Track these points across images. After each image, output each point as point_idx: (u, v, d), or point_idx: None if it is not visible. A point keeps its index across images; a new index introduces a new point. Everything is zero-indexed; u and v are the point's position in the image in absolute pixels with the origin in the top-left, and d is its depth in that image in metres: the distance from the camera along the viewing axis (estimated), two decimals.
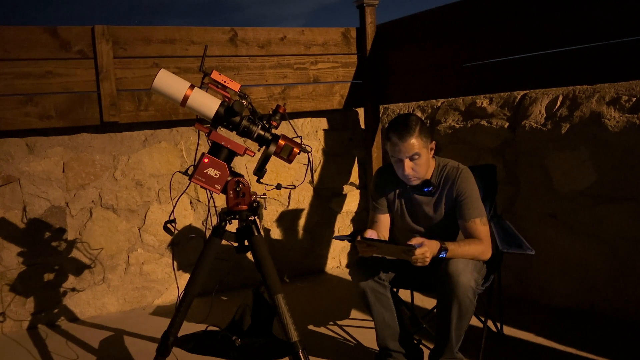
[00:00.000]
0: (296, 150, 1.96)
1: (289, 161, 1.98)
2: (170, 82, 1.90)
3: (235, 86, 1.92)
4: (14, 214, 3.18)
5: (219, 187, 1.93)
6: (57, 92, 3.18)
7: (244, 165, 3.65)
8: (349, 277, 2.41)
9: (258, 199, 2.04)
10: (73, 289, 3.33)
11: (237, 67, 3.62)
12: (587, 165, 2.85)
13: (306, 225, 4.03)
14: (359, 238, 2.11)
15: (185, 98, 1.89)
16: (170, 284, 3.58)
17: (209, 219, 3.55)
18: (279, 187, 2.07)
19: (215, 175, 1.91)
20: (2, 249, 3.15)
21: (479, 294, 2.23)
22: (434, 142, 2.32)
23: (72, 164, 3.32)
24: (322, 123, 4.06)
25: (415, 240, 2.04)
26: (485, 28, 3.23)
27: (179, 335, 2.07)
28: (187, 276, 2.13)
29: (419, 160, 2.24)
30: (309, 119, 4.01)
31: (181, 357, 2.26)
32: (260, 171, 1.97)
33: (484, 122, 3.37)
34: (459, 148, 3.55)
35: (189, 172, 1.97)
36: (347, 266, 4.18)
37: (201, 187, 1.93)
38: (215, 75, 1.91)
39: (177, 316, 2.05)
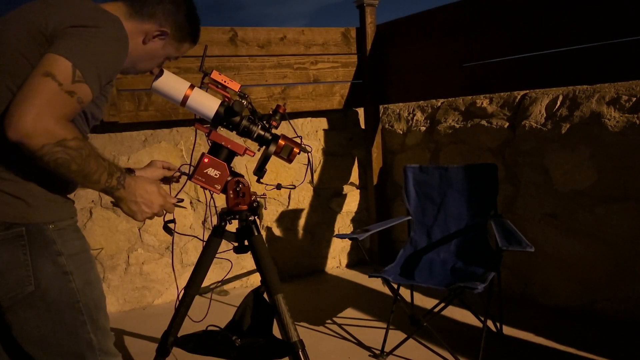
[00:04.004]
0: (296, 150, 1.96)
1: (289, 161, 1.98)
2: (170, 82, 1.89)
3: (235, 86, 1.92)
4: None
5: (219, 187, 1.93)
6: None
7: (244, 165, 3.65)
8: (348, 277, 2.41)
9: (258, 199, 2.04)
10: None
11: (237, 67, 3.62)
12: (587, 165, 2.85)
13: (306, 225, 4.03)
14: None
15: (185, 98, 1.89)
16: (170, 284, 3.58)
17: (209, 219, 3.55)
18: (279, 187, 2.06)
19: (215, 175, 1.91)
20: None
21: (479, 294, 2.23)
22: None
23: None
24: (322, 123, 4.06)
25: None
26: (485, 28, 3.24)
27: (179, 335, 2.07)
28: (187, 276, 2.12)
29: None
30: (309, 119, 4.01)
31: (181, 357, 2.26)
32: (260, 171, 1.97)
33: (484, 122, 3.38)
34: (459, 148, 3.55)
35: (189, 172, 1.97)
36: (347, 266, 4.18)
37: (201, 187, 1.93)
38: (215, 75, 1.91)
39: (177, 316, 2.05)
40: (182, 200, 1.66)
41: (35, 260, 1.23)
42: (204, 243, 2.06)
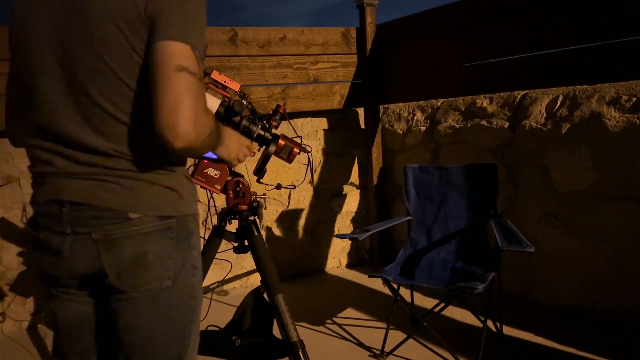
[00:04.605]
0: (296, 150, 1.96)
1: (289, 161, 1.98)
2: None
3: (235, 86, 1.92)
4: (14, 214, 3.18)
5: (219, 187, 1.93)
6: None
7: (244, 165, 3.65)
8: (349, 277, 2.41)
9: (258, 199, 2.04)
10: None
11: (237, 67, 3.62)
12: (587, 165, 2.85)
13: (306, 225, 4.03)
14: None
15: None
16: None
17: (209, 219, 3.55)
18: (279, 187, 2.07)
19: (215, 175, 1.91)
20: (2, 249, 3.15)
21: (479, 294, 2.23)
22: None
23: None
24: (322, 123, 4.06)
25: None
26: (485, 28, 3.24)
27: None
28: None
29: None
30: (309, 119, 4.01)
31: None
32: (260, 171, 1.97)
33: (484, 122, 3.37)
34: (459, 148, 3.55)
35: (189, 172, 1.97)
36: (347, 266, 4.18)
37: (201, 187, 1.93)
38: (215, 75, 1.91)
39: None
40: None
41: (178, 253, 1.20)
42: (204, 243, 2.06)
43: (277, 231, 3.92)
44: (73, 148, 1.15)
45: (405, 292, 3.03)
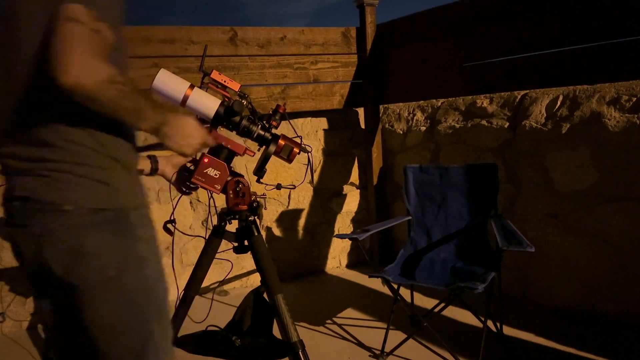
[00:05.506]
0: (296, 150, 1.96)
1: (289, 161, 1.98)
2: (170, 82, 1.89)
3: (235, 86, 1.92)
4: None
5: (219, 187, 1.93)
6: None
7: (244, 165, 3.65)
8: (349, 277, 2.41)
9: (258, 199, 2.04)
10: None
11: (237, 67, 3.62)
12: (587, 165, 2.85)
13: (306, 225, 4.03)
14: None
15: (185, 98, 1.89)
16: (169, 284, 3.57)
17: (209, 219, 3.55)
18: (279, 187, 2.07)
19: (215, 175, 1.91)
20: (2, 249, 3.15)
21: (479, 294, 2.23)
22: None
23: None
24: (322, 123, 4.06)
25: None
26: (485, 28, 3.24)
27: (179, 335, 2.07)
28: (187, 276, 2.13)
29: None
30: (309, 119, 4.00)
31: (181, 357, 2.26)
32: (260, 171, 1.97)
33: (484, 122, 3.37)
34: (459, 148, 3.55)
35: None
36: (347, 266, 4.18)
37: (201, 187, 1.93)
38: (215, 75, 1.91)
39: (177, 316, 2.05)
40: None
41: (119, 244, 1.22)
42: (204, 243, 2.06)
43: (277, 231, 3.92)
44: (17, 146, 1.21)
45: (405, 292, 3.03)
